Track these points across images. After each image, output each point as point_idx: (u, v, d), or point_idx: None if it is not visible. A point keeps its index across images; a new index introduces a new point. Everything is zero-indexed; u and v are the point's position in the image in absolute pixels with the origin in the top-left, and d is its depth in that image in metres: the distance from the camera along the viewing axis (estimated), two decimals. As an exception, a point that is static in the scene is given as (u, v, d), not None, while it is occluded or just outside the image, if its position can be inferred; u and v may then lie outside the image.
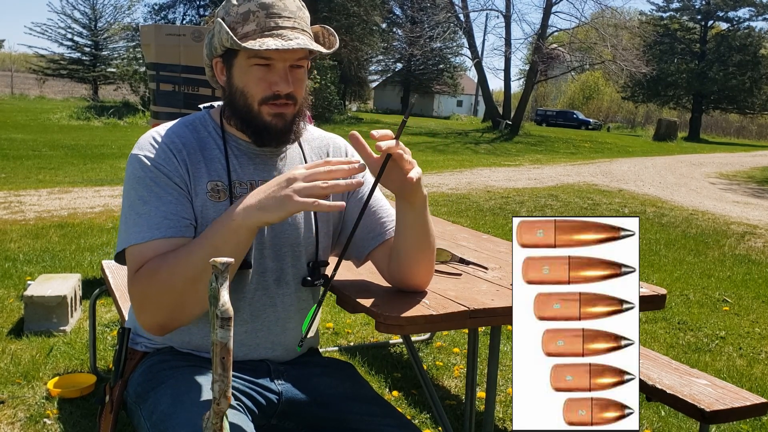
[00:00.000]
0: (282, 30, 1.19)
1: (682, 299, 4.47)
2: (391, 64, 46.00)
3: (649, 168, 15.45)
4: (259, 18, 1.19)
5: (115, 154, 11.24)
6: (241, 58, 1.21)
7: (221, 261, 0.82)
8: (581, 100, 51.51)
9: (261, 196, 1.11)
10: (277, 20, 1.20)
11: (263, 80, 1.21)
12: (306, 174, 1.10)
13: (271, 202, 1.09)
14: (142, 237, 1.16)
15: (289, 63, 1.22)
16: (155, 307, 1.16)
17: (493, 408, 1.68)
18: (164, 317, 1.17)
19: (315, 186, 1.08)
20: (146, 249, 1.16)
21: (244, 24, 1.19)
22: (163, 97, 3.71)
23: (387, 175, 1.19)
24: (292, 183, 1.09)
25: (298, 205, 1.07)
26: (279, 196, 1.09)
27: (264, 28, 1.19)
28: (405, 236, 1.30)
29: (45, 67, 28.90)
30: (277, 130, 1.24)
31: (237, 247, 1.12)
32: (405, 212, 1.28)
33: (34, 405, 2.44)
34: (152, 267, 1.14)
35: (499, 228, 6.63)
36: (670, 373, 1.98)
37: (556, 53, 27.83)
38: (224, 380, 0.81)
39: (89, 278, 4.04)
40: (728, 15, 36.58)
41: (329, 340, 3.33)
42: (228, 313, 0.80)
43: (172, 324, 1.19)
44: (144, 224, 1.16)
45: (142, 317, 1.19)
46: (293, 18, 1.22)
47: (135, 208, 1.19)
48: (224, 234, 1.11)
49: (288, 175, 1.10)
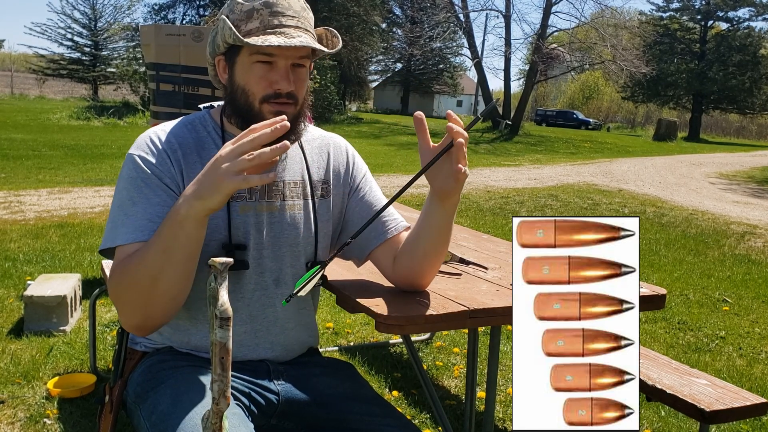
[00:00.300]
0: (285, 28, 1.19)
1: (682, 299, 4.47)
2: (391, 64, 46.04)
3: (649, 168, 15.45)
4: (263, 16, 1.19)
5: (115, 154, 11.24)
6: (244, 56, 1.21)
7: (220, 261, 0.82)
8: (581, 100, 51.53)
9: (197, 185, 1.07)
10: (280, 18, 1.20)
11: (265, 78, 1.21)
12: (230, 150, 1.04)
13: (206, 189, 1.05)
14: (126, 239, 1.16)
15: (291, 61, 1.22)
16: (128, 307, 1.16)
17: (493, 408, 1.68)
18: (138, 317, 1.17)
19: (242, 161, 1.02)
20: (128, 251, 1.16)
21: (247, 21, 1.20)
22: (163, 97, 3.71)
23: (436, 166, 1.18)
24: (220, 164, 1.04)
25: (230, 186, 1.03)
26: (211, 180, 1.04)
27: (267, 25, 1.19)
28: (428, 236, 1.28)
29: (45, 67, 28.92)
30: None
31: (188, 240, 1.09)
32: (434, 211, 1.26)
33: (34, 405, 2.44)
34: (120, 268, 1.14)
35: (499, 228, 6.63)
36: (670, 373, 1.98)
37: (556, 53, 27.82)
38: (223, 380, 0.81)
39: (89, 278, 4.04)
40: (728, 15, 36.61)
41: (329, 340, 3.33)
42: (227, 313, 0.80)
43: (148, 323, 1.18)
44: (130, 225, 1.17)
45: (120, 318, 1.20)
46: (297, 17, 1.22)
47: (123, 208, 1.19)
48: (171, 229, 1.09)
49: (216, 156, 1.06)
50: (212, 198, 1.05)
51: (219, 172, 1.03)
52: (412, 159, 14.00)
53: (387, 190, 8.86)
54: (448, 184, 1.19)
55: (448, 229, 1.29)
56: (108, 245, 1.19)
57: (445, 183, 1.19)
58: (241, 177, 1.03)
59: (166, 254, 1.08)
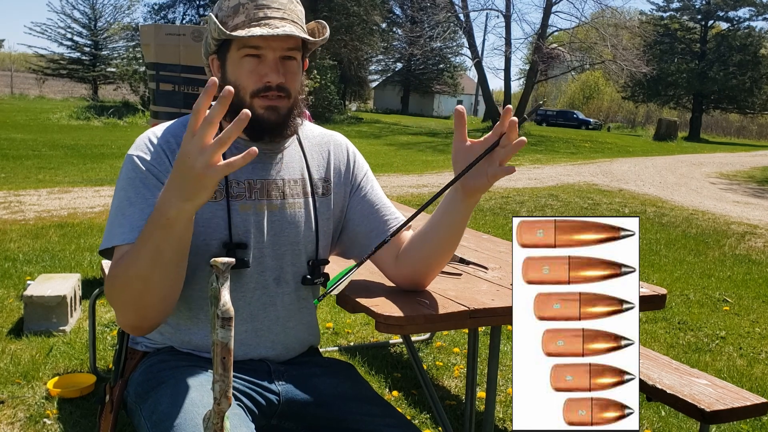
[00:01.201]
0: (270, 20, 1.20)
1: (682, 299, 4.47)
2: (391, 64, 46.02)
3: (650, 168, 15.44)
4: (248, 9, 1.21)
5: (114, 154, 11.24)
6: (233, 51, 1.22)
7: (222, 261, 0.82)
8: (581, 100, 51.50)
9: (178, 187, 1.01)
10: (265, 11, 1.21)
11: (254, 72, 1.21)
12: (193, 143, 0.97)
13: (190, 188, 1.00)
14: (123, 239, 1.16)
15: (279, 53, 1.22)
16: (122, 308, 1.16)
17: (493, 408, 1.68)
18: (133, 317, 1.17)
19: (209, 147, 0.96)
20: (124, 251, 1.16)
21: (234, 17, 1.21)
22: (163, 97, 3.71)
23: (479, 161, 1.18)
24: (193, 161, 0.97)
25: (214, 178, 0.98)
26: (192, 178, 0.98)
27: (252, 18, 1.20)
28: (441, 232, 1.28)
29: (45, 67, 28.91)
30: (270, 123, 1.24)
31: (179, 240, 1.08)
32: (454, 209, 1.26)
33: (34, 405, 2.44)
34: (113, 270, 1.15)
35: (499, 228, 6.63)
36: (670, 373, 1.98)
37: (556, 53, 27.83)
38: (225, 380, 0.81)
39: (89, 278, 4.04)
40: (728, 15, 36.59)
41: (329, 340, 3.33)
42: (229, 313, 0.80)
43: (144, 323, 1.18)
44: (127, 226, 1.17)
45: (117, 318, 1.20)
46: (282, 9, 1.22)
47: (122, 209, 1.19)
48: (161, 231, 1.06)
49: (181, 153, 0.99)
50: (200, 196, 1.01)
51: (196, 168, 0.97)
52: (412, 159, 14.00)
53: (387, 189, 8.86)
54: (480, 181, 1.19)
55: (462, 228, 1.29)
56: (106, 246, 1.19)
57: (477, 180, 1.19)
58: (222, 164, 0.97)
59: (157, 256, 1.07)
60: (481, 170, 1.18)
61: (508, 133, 1.15)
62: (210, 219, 1.23)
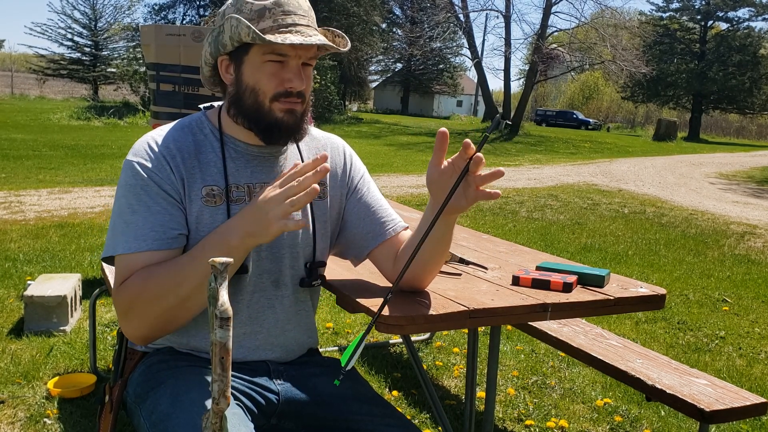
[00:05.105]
0: (299, 27, 1.20)
1: (681, 299, 4.47)
2: (391, 64, 46.05)
3: (649, 168, 15.45)
4: (276, 15, 1.19)
5: (115, 154, 11.24)
6: (254, 54, 1.20)
7: (220, 261, 0.82)
8: (581, 100, 51.50)
9: (248, 222, 1.13)
10: (293, 17, 1.20)
11: (276, 76, 1.21)
12: (278, 194, 1.10)
13: (257, 229, 1.11)
14: (129, 248, 1.16)
15: (302, 60, 1.22)
16: (141, 319, 1.17)
17: (493, 408, 1.68)
18: (149, 329, 1.18)
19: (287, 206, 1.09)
20: (132, 260, 1.17)
21: (259, 20, 1.18)
22: (163, 97, 3.71)
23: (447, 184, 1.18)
24: (270, 207, 1.10)
25: (279, 229, 1.10)
26: (262, 220, 1.11)
27: (281, 24, 1.19)
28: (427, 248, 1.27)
29: (45, 67, 28.91)
30: (288, 126, 1.24)
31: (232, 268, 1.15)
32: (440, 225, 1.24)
33: (34, 405, 2.44)
34: (140, 281, 1.15)
35: (499, 228, 6.63)
36: (669, 373, 1.99)
37: (556, 53, 27.83)
38: (223, 380, 0.81)
39: (89, 278, 4.04)
40: (728, 15, 36.60)
41: (329, 340, 3.33)
42: (227, 314, 0.80)
43: (156, 335, 1.20)
44: (131, 234, 1.17)
45: (126, 327, 1.19)
46: (307, 16, 1.22)
47: (123, 216, 1.19)
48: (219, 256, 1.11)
49: (263, 196, 1.12)
50: (263, 237, 1.12)
51: (270, 215, 1.10)
52: (411, 159, 14.00)
53: (386, 190, 8.86)
54: (459, 203, 1.19)
55: (446, 242, 1.29)
56: (109, 253, 1.19)
57: (456, 201, 1.19)
58: (290, 221, 1.10)
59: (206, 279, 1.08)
60: (459, 193, 1.18)
61: (471, 168, 1.15)
62: (210, 223, 1.23)
